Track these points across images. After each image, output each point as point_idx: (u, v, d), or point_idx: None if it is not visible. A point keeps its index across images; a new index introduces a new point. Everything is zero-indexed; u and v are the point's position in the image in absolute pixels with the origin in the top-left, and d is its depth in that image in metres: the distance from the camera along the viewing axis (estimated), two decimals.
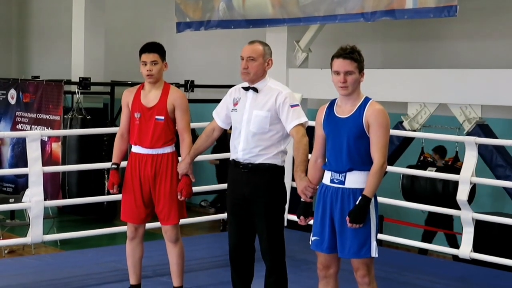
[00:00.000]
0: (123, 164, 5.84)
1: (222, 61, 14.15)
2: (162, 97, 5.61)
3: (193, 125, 6.73)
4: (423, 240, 9.65)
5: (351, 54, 4.64)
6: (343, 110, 4.67)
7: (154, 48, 5.66)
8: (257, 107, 5.14)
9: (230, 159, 5.31)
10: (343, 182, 4.60)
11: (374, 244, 4.55)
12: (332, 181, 4.63)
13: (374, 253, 4.56)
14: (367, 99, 4.71)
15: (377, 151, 4.53)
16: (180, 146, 5.70)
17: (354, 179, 4.58)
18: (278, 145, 5.18)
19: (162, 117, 5.55)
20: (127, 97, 5.74)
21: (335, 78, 4.62)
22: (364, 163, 4.56)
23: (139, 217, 5.71)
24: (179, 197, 5.58)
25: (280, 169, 5.20)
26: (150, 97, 5.63)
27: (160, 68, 5.63)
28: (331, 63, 4.66)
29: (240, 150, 5.20)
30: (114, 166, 5.77)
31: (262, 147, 5.13)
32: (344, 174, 4.60)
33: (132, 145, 5.70)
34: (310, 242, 4.78)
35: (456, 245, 9.59)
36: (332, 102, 4.76)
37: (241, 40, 13.14)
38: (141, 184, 5.63)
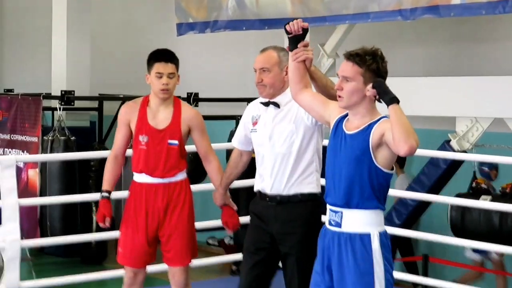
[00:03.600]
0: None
1: (232, 70, 14.19)
2: (174, 116, 5.53)
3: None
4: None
5: (356, 56, 4.39)
6: (351, 125, 4.42)
7: (172, 57, 5.57)
8: (280, 123, 5.13)
9: (255, 189, 5.29)
10: (339, 224, 4.34)
11: None
12: (330, 222, 4.38)
13: None
14: (381, 118, 4.41)
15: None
16: (207, 171, 5.69)
17: (353, 220, 4.32)
18: (314, 167, 5.13)
19: (176, 142, 5.50)
20: (127, 114, 5.66)
21: None
22: (368, 198, 4.30)
23: (141, 259, 5.70)
24: (227, 231, 5.59)
25: (317, 199, 5.14)
26: (160, 116, 5.57)
27: (175, 82, 5.58)
28: None
29: (264, 177, 5.18)
30: (106, 194, 5.77)
31: (293, 172, 5.08)
32: (340, 212, 4.33)
33: (135, 173, 5.68)
34: None
35: (416, 271, 9.76)
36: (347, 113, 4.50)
37: (255, 44, 13.17)
38: (147, 219, 5.60)
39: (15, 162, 6.97)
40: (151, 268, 7.89)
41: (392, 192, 9.69)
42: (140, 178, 5.64)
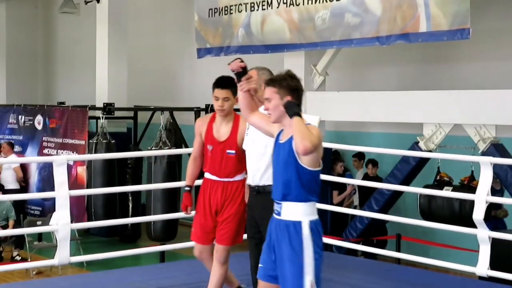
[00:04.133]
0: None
1: None
2: (232, 131, 5.55)
3: None
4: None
5: (271, 81, 4.43)
6: (284, 136, 4.44)
7: (227, 84, 5.55)
8: None
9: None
10: (280, 214, 4.37)
11: (308, 282, 4.27)
12: (274, 211, 4.42)
13: None
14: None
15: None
16: None
17: (289, 210, 4.34)
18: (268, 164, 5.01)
19: (233, 151, 5.53)
20: (200, 127, 5.70)
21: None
22: (299, 193, 4.30)
23: (206, 238, 5.72)
24: None
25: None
26: (222, 131, 5.59)
27: (232, 104, 5.58)
28: None
29: (250, 173, 5.22)
30: (187, 188, 5.80)
31: (268, 168, 5.02)
32: (280, 204, 4.36)
33: (205, 172, 5.71)
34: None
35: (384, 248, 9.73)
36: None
37: (260, 64, 13.20)
38: (210, 207, 5.63)
39: (66, 161, 6.95)
40: (172, 246, 7.94)
41: (376, 184, 9.72)
42: (207, 175, 5.67)
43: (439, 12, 8.36)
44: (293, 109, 4.31)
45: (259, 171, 5.15)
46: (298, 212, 4.31)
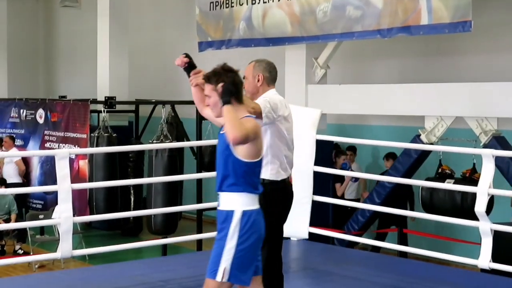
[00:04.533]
0: None
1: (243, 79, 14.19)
2: None
3: (215, 141, 6.69)
4: (376, 239, 9.71)
5: (208, 78, 4.51)
6: None
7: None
8: None
9: None
10: (219, 204, 4.41)
11: (221, 269, 4.26)
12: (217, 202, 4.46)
13: (219, 277, 4.27)
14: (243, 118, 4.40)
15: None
16: None
17: (225, 200, 4.37)
18: (268, 159, 4.98)
19: None
20: None
21: None
22: (234, 184, 4.33)
23: None
24: None
25: (273, 184, 5.00)
26: None
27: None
28: None
29: None
30: None
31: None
32: (219, 195, 4.40)
33: None
34: None
35: (406, 244, 9.58)
36: None
37: (261, 58, 13.18)
38: None
39: (68, 155, 6.95)
40: (174, 240, 7.94)
41: (378, 177, 9.72)
42: None
43: (441, 5, 8.33)
44: (225, 97, 4.33)
45: None
46: (232, 202, 4.33)
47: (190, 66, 4.81)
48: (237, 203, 4.32)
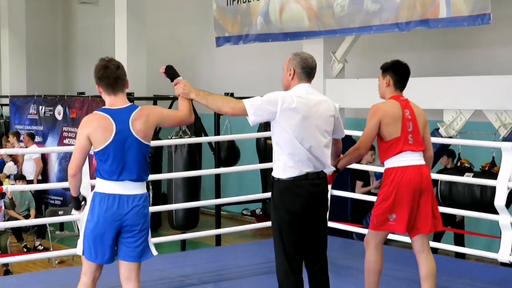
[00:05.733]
0: None
1: (260, 73, 14.19)
2: None
3: (233, 136, 6.75)
4: (434, 240, 9.59)
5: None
6: None
7: None
8: None
9: None
10: None
11: (80, 242, 4.82)
12: None
13: (79, 251, 4.81)
14: None
15: None
16: None
17: None
18: (276, 155, 4.84)
19: None
20: None
21: None
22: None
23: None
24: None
25: (278, 182, 4.81)
26: None
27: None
28: None
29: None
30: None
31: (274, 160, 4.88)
32: None
33: None
34: None
35: (463, 244, 9.52)
36: None
37: (278, 53, 13.18)
38: None
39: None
40: (193, 235, 7.96)
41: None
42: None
43: None
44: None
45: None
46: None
47: (169, 76, 4.92)
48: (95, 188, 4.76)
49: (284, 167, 4.76)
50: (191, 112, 5.03)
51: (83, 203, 4.99)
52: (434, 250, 8.67)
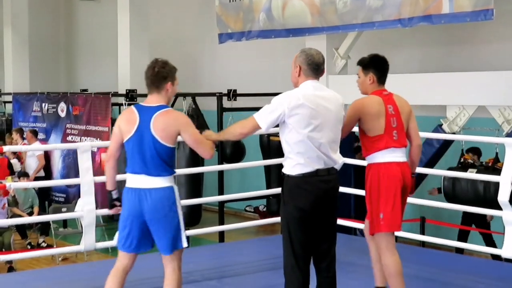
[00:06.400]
0: None
1: (263, 70, 14.18)
2: None
3: None
4: (458, 240, 9.57)
5: None
6: None
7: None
8: None
9: None
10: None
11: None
12: None
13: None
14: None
15: None
16: None
17: None
18: (286, 153, 4.86)
19: None
20: None
21: None
22: None
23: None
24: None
25: (288, 178, 4.83)
26: None
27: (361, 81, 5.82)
28: None
29: None
30: None
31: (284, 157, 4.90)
32: None
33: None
34: None
35: (493, 244, 9.48)
36: None
37: (281, 49, 13.18)
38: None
39: (90, 148, 7.00)
40: (195, 232, 7.96)
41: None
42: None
43: None
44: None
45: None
46: None
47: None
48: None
49: (294, 164, 4.79)
50: (212, 149, 5.24)
51: (116, 202, 5.28)
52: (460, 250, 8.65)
